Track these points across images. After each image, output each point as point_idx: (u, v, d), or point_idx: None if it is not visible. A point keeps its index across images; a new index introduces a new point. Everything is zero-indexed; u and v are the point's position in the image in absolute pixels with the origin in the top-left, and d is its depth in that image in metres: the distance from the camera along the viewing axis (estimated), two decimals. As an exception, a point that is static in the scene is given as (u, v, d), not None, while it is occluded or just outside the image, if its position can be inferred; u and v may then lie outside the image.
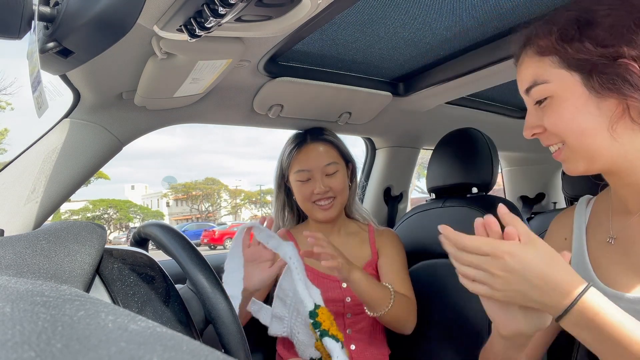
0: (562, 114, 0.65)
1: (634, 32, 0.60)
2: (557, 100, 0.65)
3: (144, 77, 0.95)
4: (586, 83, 0.63)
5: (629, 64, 0.59)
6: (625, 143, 0.63)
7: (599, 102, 0.62)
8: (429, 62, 1.27)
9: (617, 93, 0.60)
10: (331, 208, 1.25)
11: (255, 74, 1.11)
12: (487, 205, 1.25)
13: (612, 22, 0.61)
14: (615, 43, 0.60)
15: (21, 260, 0.53)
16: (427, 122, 1.68)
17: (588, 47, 0.61)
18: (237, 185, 46.56)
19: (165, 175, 65.09)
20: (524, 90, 0.70)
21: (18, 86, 22.14)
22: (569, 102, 0.64)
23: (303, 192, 1.25)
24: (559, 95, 0.65)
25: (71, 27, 0.69)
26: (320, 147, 1.28)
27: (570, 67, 0.64)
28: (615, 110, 0.62)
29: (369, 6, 0.93)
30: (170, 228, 0.79)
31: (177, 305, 0.68)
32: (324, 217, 1.26)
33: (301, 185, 1.26)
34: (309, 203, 1.26)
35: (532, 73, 0.68)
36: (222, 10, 0.63)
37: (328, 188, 1.23)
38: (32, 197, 0.97)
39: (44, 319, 0.21)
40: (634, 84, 0.59)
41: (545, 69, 0.66)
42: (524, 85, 0.70)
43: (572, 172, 0.69)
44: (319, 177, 1.24)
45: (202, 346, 0.20)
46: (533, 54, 0.68)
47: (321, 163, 1.25)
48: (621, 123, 0.62)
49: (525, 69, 0.69)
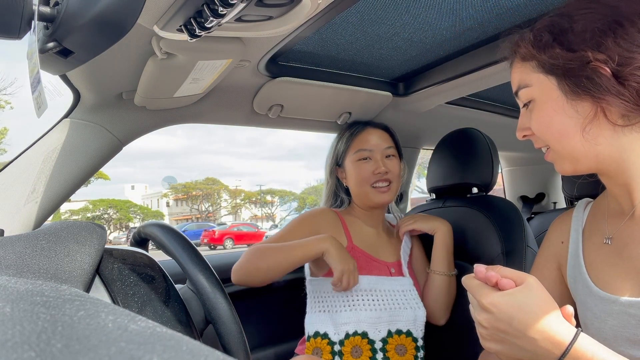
0: (541, 116, 0.67)
1: (605, 35, 0.60)
2: (538, 103, 0.68)
3: (144, 77, 0.95)
4: (561, 86, 0.65)
5: (598, 67, 0.60)
6: (603, 144, 0.63)
7: (575, 104, 0.64)
8: (429, 62, 1.27)
9: (590, 95, 0.62)
10: (388, 191, 1.25)
11: (255, 74, 1.11)
12: (487, 206, 1.25)
13: (583, 27, 0.62)
14: (584, 47, 0.61)
15: (21, 260, 0.53)
16: (427, 122, 1.68)
17: (558, 52, 0.64)
18: (237, 185, 46.56)
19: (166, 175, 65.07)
20: (514, 93, 0.73)
21: (18, 86, 22.14)
22: (547, 105, 0.67)
23: (362, 172, 1.24)
24: (539, 99, 0.68)
25: (71, 27, 0.69)
26: (381, 131, 1.30)
27: (547, 72, 0.66)
28: (589, 112, 0.63)
29: (369, 6, 0.93)
30: (170, 228, 0.79)
31: (177, 305, 0.68)
32: (381, 200, 1.24)
33: (361, 165, 1.25)
34: (367, 186, 1.24)
35: (517, 77, 0.71)
36: (222, 10, 0.63)
37: (388, 170, 1.24)
38: (32, 197, 0.97)
39: (44, 319, 0.21)
40: (604, 86, 0.60)
41: (528, 74, 0.69)
42: (514, 88, 0.73)
43: (561, 172, 0.70)
44: (379, 158, 1.25)
45: (202, 346, 0.20)
46: (519, 60, 0.71)
47: (382, 145, 1.26)
48: (595, 124, 0.63)
49: (514, 73, 0.73)
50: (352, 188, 1.29)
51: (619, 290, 0.65)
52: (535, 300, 0.57)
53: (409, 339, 1.10)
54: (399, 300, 1.14)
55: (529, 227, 1.19)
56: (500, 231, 1.17)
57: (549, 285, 0.77)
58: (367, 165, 1.24)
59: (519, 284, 0.58)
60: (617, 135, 0.63)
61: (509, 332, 0.56)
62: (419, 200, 5.73)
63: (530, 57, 0.68)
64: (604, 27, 0.61)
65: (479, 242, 1.21)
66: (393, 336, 1.09)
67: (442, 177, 1.37)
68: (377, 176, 1.23)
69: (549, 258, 0.79)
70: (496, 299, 0.57)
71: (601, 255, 0.70)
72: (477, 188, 1.32)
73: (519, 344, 0.57)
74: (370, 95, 1.35)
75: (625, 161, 0.64)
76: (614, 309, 0.64)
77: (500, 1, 0.94)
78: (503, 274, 0.59)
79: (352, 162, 1.27)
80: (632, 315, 0.61)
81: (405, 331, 1.10)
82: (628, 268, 0.65)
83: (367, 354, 1.06)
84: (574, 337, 0.55)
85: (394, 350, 1.08)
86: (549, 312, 0.56)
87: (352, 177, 1.27)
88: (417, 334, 1.12)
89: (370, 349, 1.06)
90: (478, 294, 0.59)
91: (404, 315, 1.12)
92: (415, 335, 1.11)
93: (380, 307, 1.10)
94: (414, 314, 1.13)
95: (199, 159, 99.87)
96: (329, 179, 1.35)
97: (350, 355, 1.05)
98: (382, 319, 1.09)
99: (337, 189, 1.34)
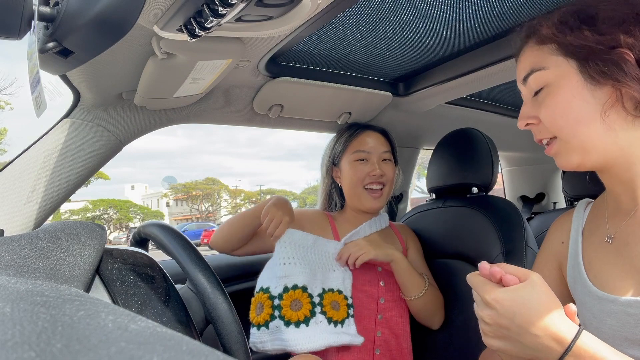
0: (557, 101, 0.65)
1: (632, 24, 0.61)
2: (553, 88, 0.66)
3: (144, 77, 0.95)
4: (582, 70, 0.64)
5: (624, 52, 0.60)
6: (618, 132, 0.63)
7: (594, 89, 0.63)
8: (429, 62, 1.27)
9: (612, 80, 0.61)
10: (380, 197, 1.27)
11: (255, 74, 1.11)
12: (487, 206, 1.25)
13: (611, 14, 0.62)
14: (613, 32, 0.61)
15: (21, 260, 0.53)
16: (427, 122, 1.68)
17: (586, 34, 0.62)
18: (237, 185, 46.56)
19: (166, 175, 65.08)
20: (521, 80, 0.71)
21: (18, 86, 22.14)
22: (564, 90, 0.65)
23: (358, 173, 1.26)
24: (555, 83, 0.66)
25: (71, 27, 0.69)
26: (379, 135, 1.32)
27: (567, 54, 0.65)
28: (608, 98, 0.62)
29: (369, 6, 0.93)
30: (170, 228, 0.79)
31: (177, 305, 0.68)
32: (372, 206, 1.26)
33: (357, 165, 1.27)
34: (360, 187, 1.26)
35: (530, 61, 0.69)
36: (222, 10, 0.63)
37: (383, 172, 1.26)
38: (32, 197, 0.97)
39: (44, 319, 0.21)
40: (627, 72, 0.60)
41: (544, 57, 0.67)
42: (521, 74, 0.71)
43: (565, 167, 0.69)
44: (375, 160, 1.27)
45: (202, 346, 0.20)
46: (534, 44, 0.69)
47: (379, 149, 1.29)
48: (614, 111, 0.62)
49: (525, 59, 0.71)
50: (346, 188, 1.30)
51: (619, 289, 0.65)
52: (537, 297, 0.56)
53: (341, 295, 1.14)
54: (331, 262, 1.18)
55: (529, 227, 1.18)
56: (500, 231, 1.17)
57: (550, 285, 0.76)
58: (363, 167, 1.26)
59: (523, 280, 0.58)
60: (629, 126, 0.63)
61: (512, 328, 0.56)
62: (419, 200, 5.73)
63: (549, 40, 0.66)
64: (629, 17, 0.61)
65: (479, 242, 1.21)
66: (327, 292, 1.13)
67: (442, 177, 1.37)
68: (372, 178, 1.25)
69: (549, 258, 0.79)
70: (499, 295, 0.57)
71: (601, 254, 0.70)
72: (477, 188, 1.32)
73: (521, 340, 0.57)
74: (370, 95, 1.35)
75: (632, 156, 0.64)
76: (612, 308, 0.64)
77: (500, 1, 0.94)
78: (507, 270, 0.59)
79: (348, 162, 1.28)
80: (632, 314, 0.61)
81: (337, 290, 1.15)
82: (628, 267, 0.65)
83: (307, 306, 1.08)
84: (577, 335, 0.55)
85: (330, 305, 1.12)
86: (552, 309, 0.56)
87: (347, 177, 1.29)
88: (347, 293, 1.16)
89: (310, 301, 1.09)
90: (481, 290, 0.59)
91: (334, 276, 1.16)
92: (345, 294, 1.15)
93: (315, 265, 1.15)
94: (342, 276, 1.17)
95: (199, 159, 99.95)
96: (324, 177, 1.37)
97: (289, 309, 1.07)
98: (317, 277, 1.14)
99: (332, 188, 1.35)
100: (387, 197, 1.29)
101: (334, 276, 1.17)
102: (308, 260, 1.14)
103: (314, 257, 1.16)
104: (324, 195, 1.37)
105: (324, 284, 1.15)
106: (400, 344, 1.19)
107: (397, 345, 1.19)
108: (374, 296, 1.19)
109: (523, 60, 0.71)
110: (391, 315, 1.20)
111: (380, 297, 1.20)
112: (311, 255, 1.16)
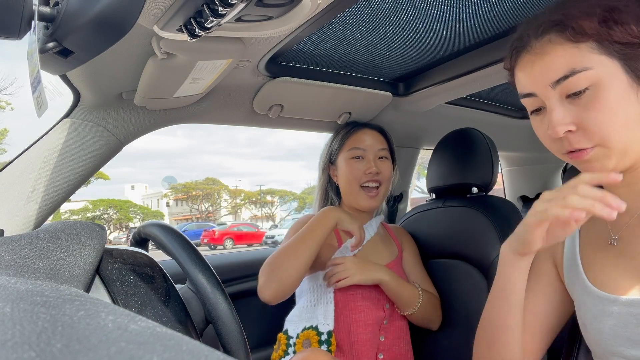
0: (605, 104, 0.59)
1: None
2: (599, 89, 0.60)
3: (144, 77, 0.95)
4: (627, 69, 0.59)
5: None
6: None
7: (638, 90, 0.60)
8: (429, 62, 1.27)
9: None
10: (376, 197, 1.25)
11: (255, 74, 1.11)
12: (487, 206, 1.25)
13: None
14: None
15: (21, 260, 0.53)
16: (427, 122, 1.68)
17: (633, 30, 0.58)
18: (237, 185, 46.57)
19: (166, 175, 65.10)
20: (554, 81, 0.62)
21: (18, 86, 22.15)
22: (612, 91, 0.59)
23: (354, 171, 1.25)
24: (601, 84, 0.60)
25: (71, 27, 0.69)
26: (376, 133, 1.31)
27: (611, 53, 0.60)
28: None
29: (369, 6, 0.93)
30: (170, 228, 0.79)
31: (177, 305, 0.68)
32: (368, 205, 1.25)
33: (353, 163, 1.26)
34: (356, 186, 1.25)
35: (568, 61, 0.61)
36: (222, 10, 0.63)
37: (379, 170, 1.25)
38: (32, 197, 0.97)
39: (44, 319, 0.21)
40: None
41: (585, 56, 0.60)
42: (556, 74, 0.62)
43: (596, 171, 0.63)
44: (371, 158, 1.26)
45: (202, 346, 0.20)
46: (564, 40, 0.61)
47: (376, 146, 1.28)
48: None
49: (557, 57, 0.62)
50: (342, 186, 1.29)
51: (620, 289, 0.64)
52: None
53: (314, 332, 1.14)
54: None
55: (529, 227, 1.18)
56: (500, 231, 1.17)
57: (547, 281, 0.77)
58: (359, 164, 1.25)
59: None
60: None
61: None
62: (419, 200, 5.72)
63: (588, 37, 0.60)
64: None
65: (479, 242, 1.21)
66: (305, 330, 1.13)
67: (442, 177, 1.37)
68: (368, 176, 1.24)
69: (545, 256, 0.79)
70: None
71: (600, 254, 0.70)
72: (477, 188, 1.32)
73: None
74: (370, 95, 1.35)
75: None
76: (613, 308, 0.63)
77: (500, 1, 0.94)
78: None
79: (344, 160, 1.28)
80: (634, 314, 0.61)
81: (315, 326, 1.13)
82: (631, 267, 0.65)
83: (315, 345, 1.09)
84: None
85: (301, 344, 1.12)
86: None
87: (343, 175, 1.28)
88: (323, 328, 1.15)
89: (318, 340, 1.09)
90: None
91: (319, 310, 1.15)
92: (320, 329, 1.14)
93: (330, 301, 1.14)
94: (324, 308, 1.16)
95: (199, 159, 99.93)
96: (321, 175, 1.36)
97: (301, 346, 1.09)
98: (328, 312, 1.13)
99: (328, 186, 1.34)
100: (383, 196, 1.28)
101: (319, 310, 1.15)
102: (326, 297, 1.15)
103: (330, 292, 1.16)
104: (320, 193, 1.36)
105: (307, 322, 1.14)
106: (400, 345, 1.19)
107: (399, 346, 1.19)
108: (380, 302, 1.18)
109: (555, 59, 0.62)
110: (397, 317, 1.20)
111: (386, 303, 1.19)
112: (329, 291, 1.16)
